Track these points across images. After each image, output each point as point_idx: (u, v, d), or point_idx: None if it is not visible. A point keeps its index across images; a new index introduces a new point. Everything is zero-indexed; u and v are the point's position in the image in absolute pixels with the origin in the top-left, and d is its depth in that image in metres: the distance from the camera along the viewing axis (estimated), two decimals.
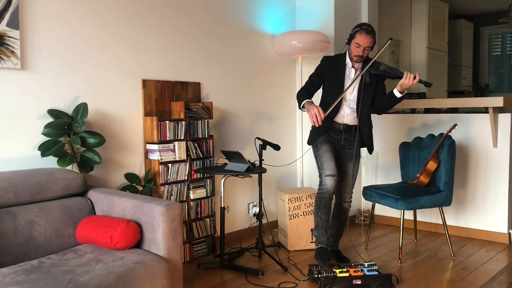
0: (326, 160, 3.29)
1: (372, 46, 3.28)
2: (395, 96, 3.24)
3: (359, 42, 3.24)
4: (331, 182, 3.23)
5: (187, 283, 3.18)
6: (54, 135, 2.79)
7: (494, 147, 4.04)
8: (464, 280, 3.21)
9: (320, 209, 3.28)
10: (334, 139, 3.42)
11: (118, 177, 3.32)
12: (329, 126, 3.38)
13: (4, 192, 2.43)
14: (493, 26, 8.12)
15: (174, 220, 2.47)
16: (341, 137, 3.41)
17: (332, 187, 3.23)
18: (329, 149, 3.34)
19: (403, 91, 3.20)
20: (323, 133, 3.38)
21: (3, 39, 2.68)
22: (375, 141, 4.76)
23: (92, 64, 3.15)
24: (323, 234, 3.30)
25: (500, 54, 8.14)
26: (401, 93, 3.21)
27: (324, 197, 3.26)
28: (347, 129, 3.40)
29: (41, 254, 2.47)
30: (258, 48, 4.40)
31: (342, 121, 3.39)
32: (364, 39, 3.23)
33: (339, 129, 3.39)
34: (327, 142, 3.38)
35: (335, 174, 3.24)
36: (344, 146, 3.43)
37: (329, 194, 3.25)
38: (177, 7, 3.69)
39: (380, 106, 3.38)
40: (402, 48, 6.25)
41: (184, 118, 3.51)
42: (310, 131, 3.50)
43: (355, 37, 3.27)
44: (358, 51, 3.26)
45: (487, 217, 4.14)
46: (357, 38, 3.25)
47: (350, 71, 3.38)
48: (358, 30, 3.26)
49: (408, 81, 3.12)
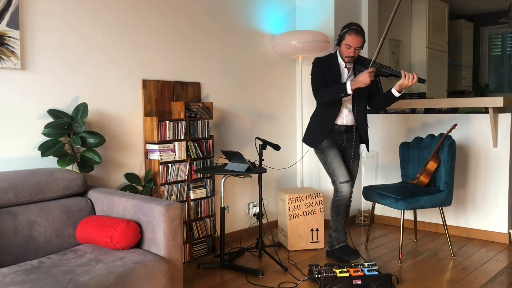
0: (337, 166, 3.34)
1: (362, 45, 3.27)
2: (393, 95, 3.25)
3: (349, 43, 3.23)
4: (347, 189, 3.36)
5: (187, 283, 3.18)
6: (54, 135, 2.79)
7: (494, 147, 4.04)
8: (464, 280, 3.21)
9: (339, 215, 3.43)
10: (336, 141, 3.43)
11: (118, 177, 3.32)
12: (332, 128, 3.38)
13: (4, 192, 2.43)
14: (493, 26, 8.11)
15: (174, 220, 2.47)
16: (342, 138, 3.42)
17: (349, 193, 3.38)
18: (337, 153, 3.37)
19: (401, 90, 3.21)
20: (326, 136, 3.37)
21: (3, 39, 2.68)
22: (375, 141, 4.77)
23: (92, 64, 3.15)
24: (343, 235, 3.49)
25: (500, 54, 8.14)
26: (399, 92, 3.22)
27: (342, 203, 3.40)
28: (347, 130, 3.40)
29: (41, 254, 2.47)
30: (258, 48, 4.40)
31: (342, 123, 3.40)
32: (354, 39, 3.22)
33: (340, 131, 3.40)
34: (333, 146, 3.38)
35: (349, 180, 3.35)
36: (346, 146, 3.45)
37: (347, 200, 3.39)
38: (177, 8, 3.69)
39: (378, 104, 3.40)
40: (402, 48, 6.25)
41: (184, 118, 3.51)
42: (307, 130, 3.49)
43: (344, 38, 3.25)
44: (349, 52, 3.26)
45: (487, 217, 4.14)
46: (347, 39, 3.24)
47: (343, 71, 3.38)
48: (347, 31, 3.24)
49: (407, 81, 3.12)
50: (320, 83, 3.33)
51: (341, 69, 3.36)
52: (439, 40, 6.70)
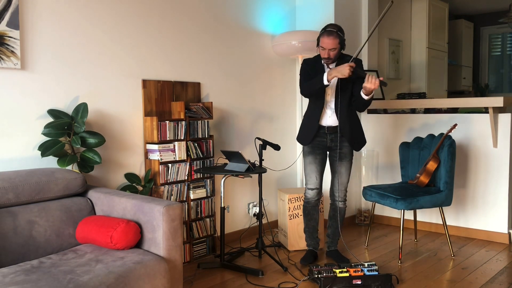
0: (309, 173, 3.49)
1: (337, 47, 3.22)
2: (362, 99, 3.22)
3: (323, 45, 3.24)
4: (312, 195, 3.52)
5: (187, 283, 3.18)
6: (54, 135, 2.79)
7: (494, 147, 4.04)
8: (464, 280, 3.21)
9: (306, 216, 3.59)
10: (320, 142, 3.42)
11: (118, 177, 3.32)
12: (318, 127, 3.38)
13: (4, 192, 2.43)
14: (493, 26, 8.11)
15: (174, 220, 2.47)
16: (326, 139, 3.42)
17: (313, 199, 3.53)
18: (313, 161, 3.46)
19: (368, 93, 3.16)
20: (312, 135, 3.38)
21: (3, 39, 2.68)
22: (375, 141, 4.76)
23: (92, 64, 3.15)
24: (311, 238, 3.62)
25: (500, 54, 8.14)
26: (367, 95, 3.17)
27: (308, 206, 3.56)
28: (331, 131, 3.39)
29: (41, 254, 2.47)
30: (258, 48, 4.40)
31: (326, 123, 3.39)
32: (325, 41, 3.21)
33: (324, 132, 3.40)
34: (311, 153, 3.45)
35: (315, 188, 3.50)
36: (331, 147, 3.45)
37: (312, 204, 3.54)
38: (177, 7, 3.69)
39: (356, 105, 3.37)
40: (402, 48, 6.24)
41: (184, 118, 3.51)
42: (299, 129, 3.53)
43: (320, 40, 3.26)
44: (324, 54, 3.26)
45: (487, 217, 4.14)
46: (320, 41, 3.25)
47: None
48: (322, 33, 3.24)
49: (370, 84, 3.07)
50: (304, 79, 3.37)
51: (325, 69, 3.36)
52: (439, 40, 6.70)
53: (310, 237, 3.61)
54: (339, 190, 3.50)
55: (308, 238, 3.62)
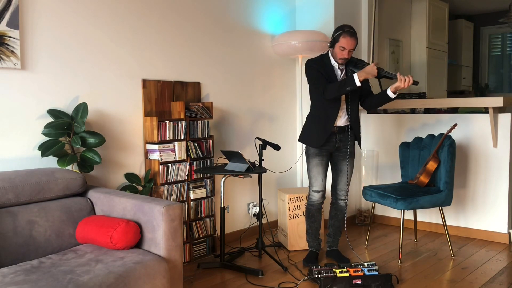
0: (315, 175, 3.46)
1: (355, 47, 3.29)
2: (388, 96, 3.27)
3: (344, 45, 3.23)
4: (317, 198, 3.48)
5: (187, 283, 3.18)
6: (54, 135, 2.79)
7: (494, 147, 4.04)
8: (464, 280, 3.21)
9: (309, 218, 3.55)
10: (328, 144, 3.41)
11: (118, 177, 3.32)
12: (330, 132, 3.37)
13: (4, 192, 2.43)
14: (493, 26, 8.11)
15: (174, 220, 2.47)
16: (335, 139, 3.42)
17: (319, 202, 3.50)
18: (319, 163, 3.44)
19: (396, 92, 3.24)
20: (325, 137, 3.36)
21: (3, 39, 2.68)
22: (375, 141, 4.77)
23: (92, 64, 3.15)
24: (313, 240, 3.58)
25: (500, 54, 8.14)
26: (394, 93, 3.24)
27: (312, 209, 3.53)
28: (340, 131, 3.40)
29: (41, 254, 2.47)
30: (258, 48, 4.40)
31: (336, 124, 3.39)
32: (348, 41, 3.22)
33: (333, 132, 3.40)
34: (318, 155, 3.43)
35: (321, 190, 3.47)
36: (339, 147, 3.45)
37: (316, 206, 3.51)
38: (177, 7, 3.69)
39: (371, 104, 3.42)
40: (402, 48, 6.24)
41: (184, 118, 3.51)
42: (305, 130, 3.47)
43: (339, 40, 3.25)
44: (343, 54, 3.26)
45: (487, 217, 4.14)
46: (341, 41, 3.24)
47: (337, 72, 3.38)
48: (341, 33, 3.24)
49: (403, 84, 3.13)
50: (323, 80, 3.31)
51: (335, 70, 3.36)
52: (439, 40, 6.70)
53: (313, 238, 3.58)
54: (344, 188, 3.51)
55: (311, 239, 3.59)
